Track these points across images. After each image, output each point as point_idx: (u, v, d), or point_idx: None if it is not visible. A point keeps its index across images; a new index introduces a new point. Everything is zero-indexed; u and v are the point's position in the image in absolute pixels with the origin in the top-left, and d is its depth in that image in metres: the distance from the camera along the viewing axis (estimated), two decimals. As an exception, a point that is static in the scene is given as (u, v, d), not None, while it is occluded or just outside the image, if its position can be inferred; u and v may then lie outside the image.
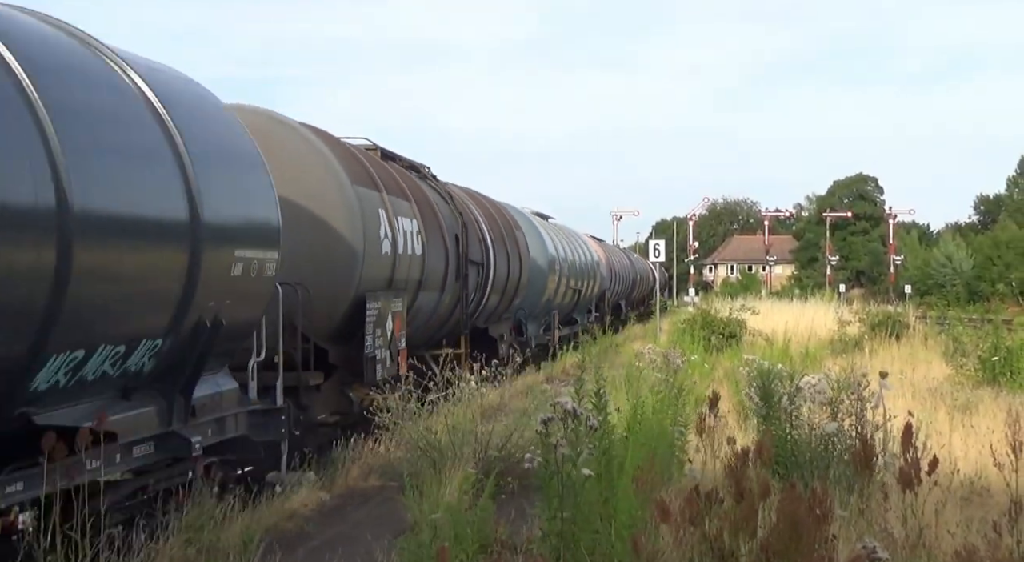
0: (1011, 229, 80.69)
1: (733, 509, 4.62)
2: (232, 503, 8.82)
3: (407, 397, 11.72)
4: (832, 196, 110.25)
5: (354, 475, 11.62)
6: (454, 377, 12.38)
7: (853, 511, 6.28)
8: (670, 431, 9.74)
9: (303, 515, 9.91)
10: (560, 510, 5.88)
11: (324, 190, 12.62)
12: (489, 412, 13.00)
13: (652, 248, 37.43)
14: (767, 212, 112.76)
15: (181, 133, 8.35)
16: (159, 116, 8.29)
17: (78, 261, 6.82)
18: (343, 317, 12.70)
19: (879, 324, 29.48)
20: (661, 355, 14.48)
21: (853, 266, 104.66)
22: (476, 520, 6.84)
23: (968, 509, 8.02)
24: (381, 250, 13.42)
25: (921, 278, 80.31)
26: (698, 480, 5.76)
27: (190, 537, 8.02)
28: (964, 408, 14.23)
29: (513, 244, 22.54)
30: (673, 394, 12.11)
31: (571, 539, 5.92)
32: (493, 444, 10.65)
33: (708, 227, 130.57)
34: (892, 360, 22.15)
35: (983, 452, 9.07)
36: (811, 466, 8.86)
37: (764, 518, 4.83)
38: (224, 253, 8.80)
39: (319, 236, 12.44)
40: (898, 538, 5.42)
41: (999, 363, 18.52)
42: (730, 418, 13.32)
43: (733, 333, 27.46)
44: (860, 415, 8.94)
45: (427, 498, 8.17)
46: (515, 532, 7.79)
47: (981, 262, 76.40)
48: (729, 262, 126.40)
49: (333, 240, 12.60)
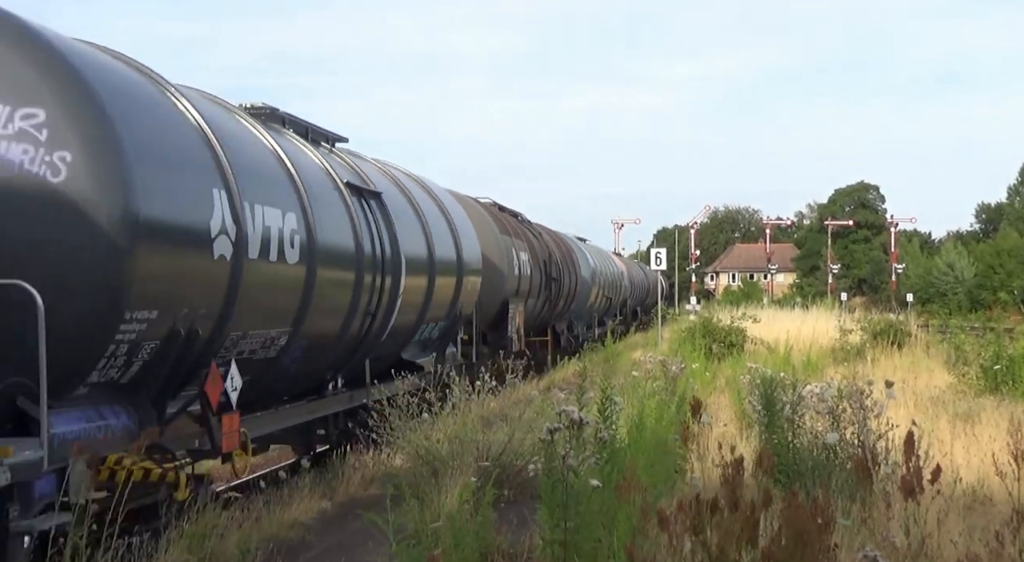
0: (1013, 237, 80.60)
1: (730, 518, 4.60)
2: (233, 512, 8.81)
3: (414, 410, 11.81)
4: (834, 204, 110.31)
5: (355, 484, 11.62)
6: (454, 385, 12.46)
7: (855, 520, 6.26)
8: (672, 440, 9.72)
9: (304, 524, 9.90)
10: (563, 519, 5.86)
11: (488, 239, 20.70)
12: (490, 420, 12.99)
13: (653, 256, 37.39)
14: (769, 220, 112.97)
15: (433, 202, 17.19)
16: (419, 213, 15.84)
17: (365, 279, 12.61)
18: (496, 313, 21.89)
19: (881, 332, 29.44)
20: (660, 364, 14.48)
21: (855, 274, 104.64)
22: (476, 528, 6.82)
23: (970, 518, 7.99)
24: (513, 271, 22.87)
25: (923, 286, 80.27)
26: (700, 489, 5.74)
27: (191, 545, 8.01)
28: (966, 417, 14.20)
29: (571, 265, 31.54)
30: (675, 402, 12.10)
31: (572, 548, 5.90)
32: (494, 453, 10.64)
33: (710, 235, 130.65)
34: (894, 368, 22.11)
35: (985, 461, 9.06)
36: (813, 475, 8.84)
37: (766, 527, 4.82)
38: (467, 277, 17.09)
39: (486, 265, 19.30)
40: (900, 547, 5.40)
41: (1001, 372, 18.46)
42: (732, 426, 13.30)
43: (734, 341, 27.44)
44: (862, 424, 8.92)
45: (428, 507, 8.16)
46: (516, 541, 7.78)
47: (983, 270, 76.34)
48: (731, 270, 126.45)
49: (491, 266, 20.28)
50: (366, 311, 12.65)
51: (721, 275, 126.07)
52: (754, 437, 11.22)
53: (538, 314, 26.71)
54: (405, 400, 11.82)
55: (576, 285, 31.42)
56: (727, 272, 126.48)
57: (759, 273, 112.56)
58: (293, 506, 10.18)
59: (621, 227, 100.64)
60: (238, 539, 8.53)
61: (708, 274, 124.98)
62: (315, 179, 11.71)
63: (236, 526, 8.81)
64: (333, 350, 12.17)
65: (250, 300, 9.36)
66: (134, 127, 8.07)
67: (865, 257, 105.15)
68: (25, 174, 7.45)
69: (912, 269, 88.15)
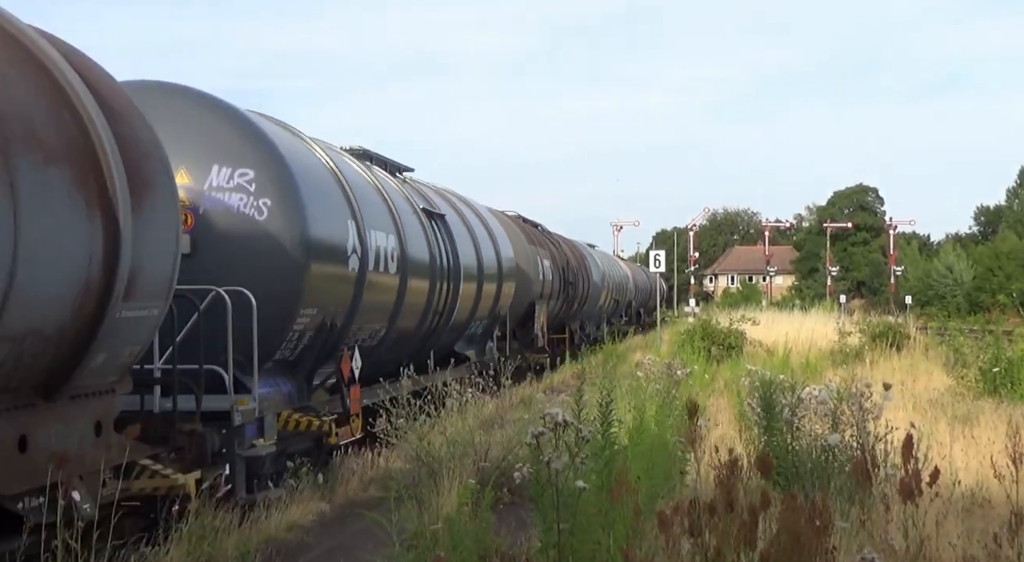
0: (1011, 240, 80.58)
1: (727, 520, 4.60)
2: (232, 514, 8.82)
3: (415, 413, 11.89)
4: (832, 207, 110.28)
5: (354, 486, 11.62)
6: (452, 389, 12.58)
7: (854, 522, 6.25)
8: (671, 442, 9.71)
9: (303, 526, 9.90)
10: (556, 522, 5.86)
11: (519, 249, 23.56)
12: (488, 423, 13.01)
13: (652, 258, 37.41)
14: (767, 222, 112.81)
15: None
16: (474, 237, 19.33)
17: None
18: (524, 313, 25.13)
19: (880, 335, 29.46)
20: (662, 366, 14.47)
21: (853, 277, 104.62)
22: (474, 530, 6.82)
23: (969, 520, 7.99)
24: (538, 277, 26.16)
25: (922, 289, 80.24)
26: (699, 491, 5.75)
27: (190, 548, 8.01)
28: (965, 419, 14.21)
29: (585, 270, 34.66)
30: (675, 404, 12.09)
31: (569, 550, 5.90)
32: (492, 455, 10.65)
33: (708, 237, 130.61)
34: (893, 371, 22.12)
35: (984, 463, 9.05)
36: (812, 477, 8.83)
37: (765, 529, 4.82)
38: (505, 283, 20.75)
39: (518, 272, 22.55)
40: (899, 550, 5.41)
41: (1000, 374, 18.47)
42: (731, 429, 13.31)
43: (733, 344, 27.45)
44: (861, 426, 8.91)
45: (426, 509, 8.15)
46: (515, 543, 7.77)
47: (981, 273, 76.29)
48: (729, 272, 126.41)
49: (522, 273, 23.50)
50: (435, 311, 16.15)
51: (720, 277, 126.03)
52: (753, 439, 11.22)
53: (556, 314, 30.06)
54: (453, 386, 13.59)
55: (588, 288, 35.10)
56: (726, 274, 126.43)
57: (758, 275, 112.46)
58: (292, 508, 10.17)
59: (620, 229, 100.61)
60: (237, 541, 8.53)
61: (707, 276, 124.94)
62: (402, 206, 15.14)
63: (235, 528, 8.80)
64: (410, 342, 15.52)
65: (366, 301, 12.68)
66: (303, 176, 11.43)
67: (864, 259, 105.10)
68: (241, 215, 10.82)
69: (911, 271, 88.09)
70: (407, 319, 14.70)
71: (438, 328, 16.56)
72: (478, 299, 18.64)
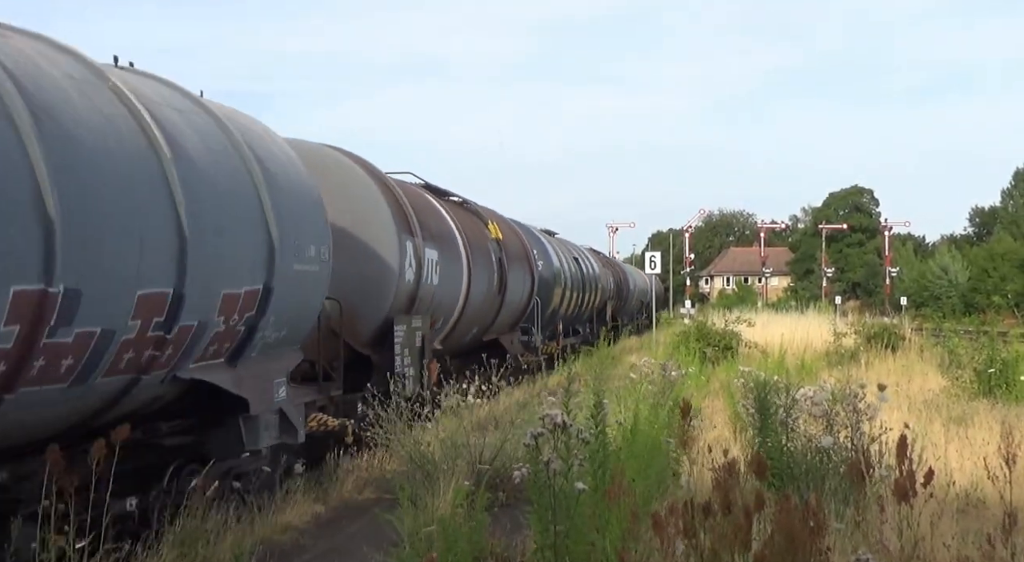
0: (1006, 241, 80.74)
1: (723, 521, 4.59)
2: (226, 516, 8.80)
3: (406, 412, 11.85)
4: (828, 208, 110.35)
5: (348, 488, 11.59)
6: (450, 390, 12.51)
7: (849, 523, 6.26)
8: (665, 443, 9.71)
9: (297, 528, 9.87)
10: (553, 523, 5.85)
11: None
12: (482, 425, 12.99)
13: (648, 260, 37.40)
14: (763, 224, 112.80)
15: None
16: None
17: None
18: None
19: (875, 336, 29.48)
20: (657, 367, 14.47)
21: (849, 278, 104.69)
22: (469, 532, 6.81)
23: (963, 521, 8.00)
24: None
25: (917, 290, 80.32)
26: (693, 492, 5.74)
27: (184, 550, 7.99)
28: (959, 420, 14.23)
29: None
30: (669, 406, 12.09)
31: (564, 552, 5.89)
32: (487, 457, 10.64)
33: (704, 239, 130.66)
34: (888, 372, 22.14)
35: (978, 464, 9.07)
36: (807, 478, 8.84)
37: (759, 530, 4.82)
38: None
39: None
40: (893, 550, 5.41)
41: (994, 375, 18.49)
42: (726, 430, 13.31)
43: (729, 345, 27.45)
44: (856, 427, 8.92)
45: (421, 511, 8.14)
46: (510, 544, 7.77)
47: (976, 274, 76.42)
48: (725, 274, 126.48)
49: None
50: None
51: (716, 279, 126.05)
52: (748, 441, 11.22)
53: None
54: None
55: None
56: (722, 276, 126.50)
57: (754, 277, 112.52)
58: (286, 510, 10.15)
59: (616, 231, 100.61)
60: (231, 543, 8.50)
61: (703, 278, 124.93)
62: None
63: (229, 530, 8.78)
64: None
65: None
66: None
67: (859, 261, 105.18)
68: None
69: (906, 273, 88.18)
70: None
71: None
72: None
